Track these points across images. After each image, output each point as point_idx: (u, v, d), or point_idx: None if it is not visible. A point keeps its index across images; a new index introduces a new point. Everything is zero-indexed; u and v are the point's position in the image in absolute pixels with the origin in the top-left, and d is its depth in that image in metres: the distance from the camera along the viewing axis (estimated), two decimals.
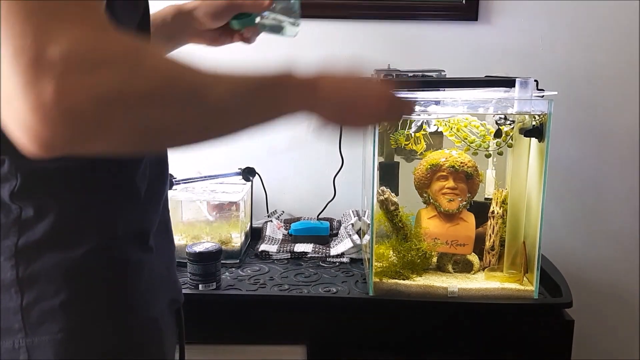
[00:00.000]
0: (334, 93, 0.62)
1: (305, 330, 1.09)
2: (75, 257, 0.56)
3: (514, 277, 1.12)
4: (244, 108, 0.54)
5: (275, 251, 1.31)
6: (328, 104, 0.61)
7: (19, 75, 0.40)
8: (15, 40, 0.40)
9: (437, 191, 1.17)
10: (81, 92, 0.41)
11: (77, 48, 0.41)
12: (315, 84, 0.60)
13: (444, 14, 1.48)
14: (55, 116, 0.40)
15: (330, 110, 0.62)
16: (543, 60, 1.49)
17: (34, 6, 0.41)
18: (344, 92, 0.63)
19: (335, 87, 0.62)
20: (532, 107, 1.06)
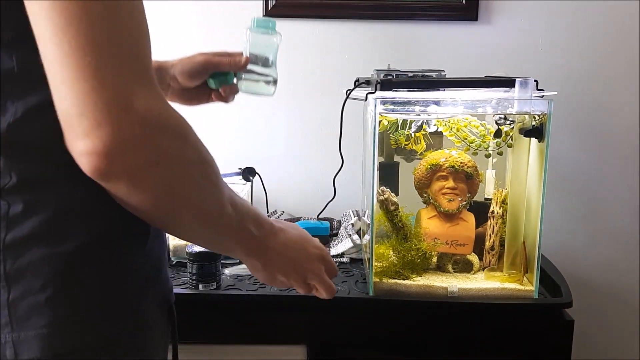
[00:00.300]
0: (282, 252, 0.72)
1: (305, 330, 1.09)
2: (63, 252, 0.56)
3: (514, 277, 1.12)
4: (224, 221, 0.63)
5: None
6: (276, 259, 0.71)
7: (102, 110, 0.48)
8: (104, 79, 0.48)
9: (437, 191, 1.17)
10: (146, 146, 0.51)
11: (153, 109, 0.51)
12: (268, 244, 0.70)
13: (444, 14, 1.48)
14: (118, 157, 0.50)
15: (277, 265, 0.71)
16: (543, 60, 1.49)
17: (127, 55, 0.50)
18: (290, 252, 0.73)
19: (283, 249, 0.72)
20: (532, 107, 1.06)
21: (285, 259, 0.71)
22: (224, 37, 1.50)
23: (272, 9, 1.47)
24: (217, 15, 1.49)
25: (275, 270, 0.71)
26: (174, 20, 1.49)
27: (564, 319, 1.08)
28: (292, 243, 0.72)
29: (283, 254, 0.71)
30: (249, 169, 1.36)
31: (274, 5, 1.47)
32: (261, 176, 1.44)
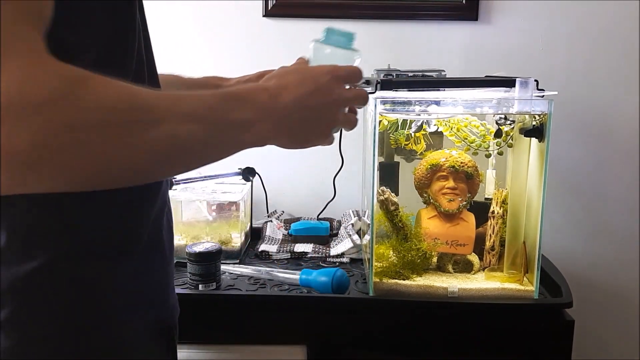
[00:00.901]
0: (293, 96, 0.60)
1: (305, 330, 1.09)
2: (23, 272, 0.52)
3: (514, 277, 1.12)
4: (206, 127, 0.53)
5: (275, 251, 1.31)
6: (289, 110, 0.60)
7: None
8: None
9: (437, 191, 1.17)
10: (23, 138, 0.40)
11: (15, 91, 0.40)
12: (271, 91, 0.59)
13: (444, 14, 1.48)
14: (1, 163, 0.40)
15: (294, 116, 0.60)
16: (543, 60, 1.49)
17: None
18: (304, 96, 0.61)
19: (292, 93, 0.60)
20: (532, 107, 1.06)
21: (304, 115, 0.61)
22: (224, 37, 1.50)
23: (272, 9, 1.47)
24: (217, 15, 1.49)
25: (304, 131, 0.61)
26: (174, 20, 1.49)
27: (564, 319, 1.08)
28: (301, 92, 0.60)
29: (296, 113, 0.60)
30: (249, 169, 1.36)
31: (274, 5, 1.47)
32: (261, 176, 1.44)
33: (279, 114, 0.58)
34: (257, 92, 0.58)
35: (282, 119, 0.58)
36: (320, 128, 0.63)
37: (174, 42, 1.50)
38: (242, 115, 0.55)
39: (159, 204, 0.66)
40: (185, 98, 0.52)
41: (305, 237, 1.36)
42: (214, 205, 1.30)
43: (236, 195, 1.30)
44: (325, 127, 0.63)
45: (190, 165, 0.56)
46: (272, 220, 1.45)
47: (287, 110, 0.59)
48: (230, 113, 0.55)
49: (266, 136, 0.57)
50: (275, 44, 1.50)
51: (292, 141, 0.61)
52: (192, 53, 1.50)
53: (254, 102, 0.56)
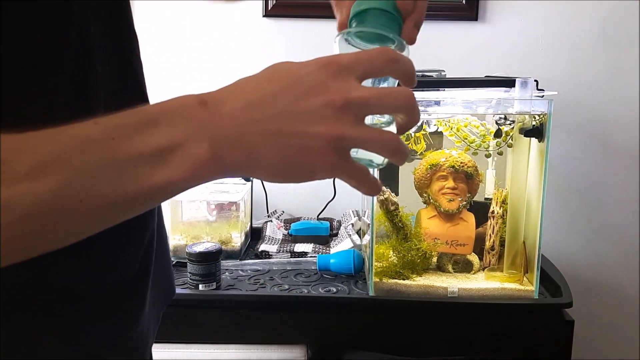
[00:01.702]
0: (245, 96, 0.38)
1: (305, 330, 1.09)
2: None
3: (514, 277, 1.12)
4: (69, 177, 0.34)
5: (275, 251, 1.31)
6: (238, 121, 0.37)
7: None
8: None
9: (437, 191, 1.17)
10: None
11: None
12: (207, 100, 0.38)
13: (444, 14, 1.48)
14: None
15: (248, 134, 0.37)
16: (543, 60, 1.49)
17: None
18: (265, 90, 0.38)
19: (246, 88, 0.39)
20: (532, 107, 1.06)
21: (264, 124, 0.37)
22: (224, 37, 1.50)
23: (272, 9, 1.47)
24: (217, 15, 1.49)
25: (266, 163, 0.38)
26: (174, 20, 1.49)
27: (564, 319, 1.08)
28: (259, 93, 0.38)
29: (255, 125, 0.37)
30: None
31: (274, 5, 1.47)
32: None
33: (222, 126, 0.37)
34: (181, 102, 0.38)
35: (228, 134, 0.36)
36: (308, 145, 0.37)
37: (174, 42, 1.50)
38: (150, 142, 0.36)
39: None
40: (49, 136, 0.35)
41: (305, 237, 1.36)
42: (214, 205, 1.30)
43: (236, 195, 1.30)
44: (319, 144, 0.37)
45: (53, 243, 0.36)
46: (272, 220, 1.45)
47: (236, 119, 0.37)
48: (125, 144, 0.35)
49: (202, 164, 0.36)
50: (275, 44, 1.50)
51: (265, 169, 0.38)
52: (192, 53, 1.50)
53: (173, 117, 0.37)
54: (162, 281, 0.60)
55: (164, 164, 0.36)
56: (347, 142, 0.37)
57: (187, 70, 1.50)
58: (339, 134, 0.37)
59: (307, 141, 0.37)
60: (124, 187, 0.35)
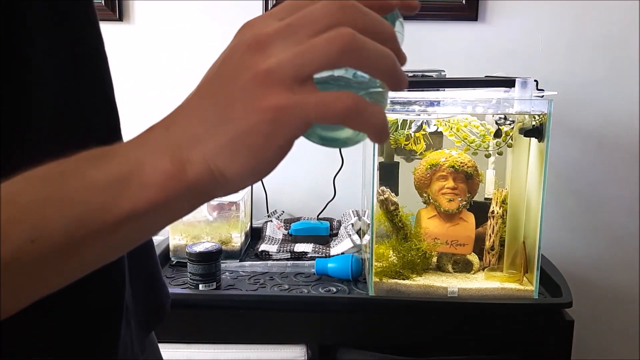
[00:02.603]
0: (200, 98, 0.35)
1: (305, 330, 1.09)
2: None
3: (513, 277, 1.12)
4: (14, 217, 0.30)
5: (275, 251, 1.31)
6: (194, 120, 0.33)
7: None
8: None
9: (437, 191, 1.17)
10: None
11: None
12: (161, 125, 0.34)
13: (444, 14, 1.48)
14: None
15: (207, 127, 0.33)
16: (543, 60, 1.49)
17: None
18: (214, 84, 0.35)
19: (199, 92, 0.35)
20: (532, 107, 1.06)
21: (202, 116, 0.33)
22: (223, 37, 1.50)
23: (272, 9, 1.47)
24: (217, 15, 1.49)
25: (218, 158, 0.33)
26: (173, 20, 1.49)
27: (564, 319, 1.08)
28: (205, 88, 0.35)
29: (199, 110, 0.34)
30: None
31: (274, 5, 1.47)
32: None
33: (175, 137, 0.33)
34: (142, 135, 0.34)
35: (182, 142, 0.33)
36: (255, 129, 0.32)
37: (174, 42, 1.50)
38: (105, 170, 0.32)
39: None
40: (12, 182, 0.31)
41: (305, 237, 1.36)
42: (214, 205, 1.30)
43: (236, 195, 1.30)
44: (264, 126, 0.31)
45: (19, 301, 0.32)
46: (272, 220, 1.45)
47: (185, 126, 0.33)
48: (75, 175, 0.32)
49: (168, 177, 0.32)
50: None
51: (232, 170, 0.32)
52: (191, 53, 1.50)
53: (127, 145, 0.34)
54: (147, 302, 0.55)
55: (125, 188, 0.32)
56: (295, 111, 0.31)
57: (187, 71, 1.50)
58: (281, 103, 0.31)
59: (258, 118, 0.31)
60: (83, 223, 0.31)
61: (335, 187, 1.41)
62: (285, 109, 0.31)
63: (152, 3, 1.48)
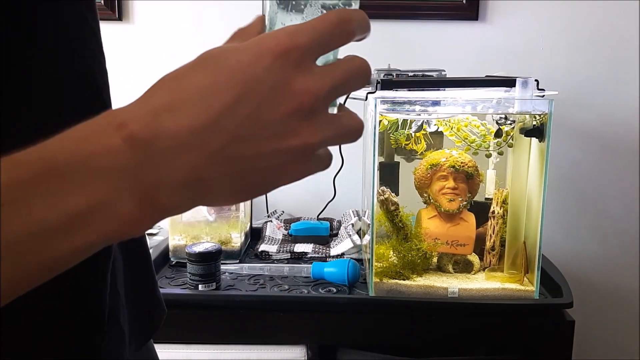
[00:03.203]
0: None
1: (305, 331, 1.09)
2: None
3: (514, 278, 1.12)
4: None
5: (275, 251, 1.31)
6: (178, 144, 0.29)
7: None
8: None
9: (438, 191, 1.17)
10: None
11: None
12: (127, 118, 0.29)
13: (445, 14, 1.48)
14: None
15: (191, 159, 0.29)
16: (544, 59, 1.49)
17: None
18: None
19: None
20: (533, 107, 1.06)
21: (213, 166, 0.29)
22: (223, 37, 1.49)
23: None
24: (217, 15, 1.49)
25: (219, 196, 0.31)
26: (173, 20, 1.49)
27: (565, 320, 1.07)
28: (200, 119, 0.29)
29: (201, 168, 0.29)
30: None
31: None
32: None
33: (160, 171, 0.28)
34: (97, 141, 0.28)
35: (169, 178, 0.29)
36: (276, 163, 0.30)
37: (173, 42, 1.50)
38: (57, 206, 0.27)
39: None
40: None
41: (305, 237, 1.36)
42: None
43: None
44: (289, 159, 0.30)
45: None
46: (272, 220, 1.45)
47: (180, 156, 0.28)
48: (19, 211, 0.27)
49: (131, 223, 0.29)
50: None
51: (220, 199, 0.31)
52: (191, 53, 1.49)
53: (86, 169, 0.28)
54: (138, 315, 0.52)
55: (77, 230, 0.28)
56: (320, 146, 0.31)
57: None
58: (317, 141, 0.30)
59: (276, 159, 0.29)
60: (20, 263, 0.27)
61: (335, 187, 1.41)
62: (312, 147, 0.30)
63: (151, 3, 1.48)
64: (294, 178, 0.31)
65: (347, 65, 0.32)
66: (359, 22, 0.34)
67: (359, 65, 0.33)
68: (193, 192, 0.29)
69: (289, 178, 0.31)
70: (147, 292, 0.57)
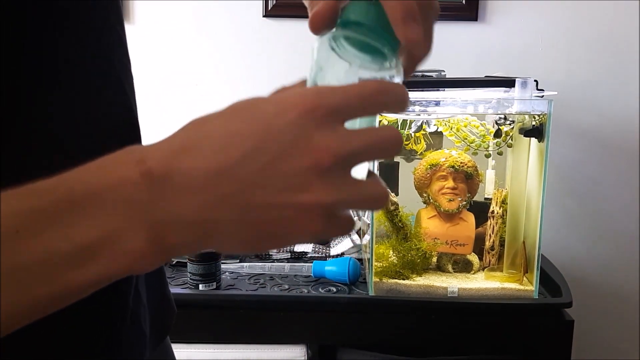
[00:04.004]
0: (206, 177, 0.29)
1: (305, 330, 1.09)
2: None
3: (513, 277, 1.12)
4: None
5: (275, 251, 1.31)
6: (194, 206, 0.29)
7: None
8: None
9: (437, 191, 1.17)
10: None
11: None
12: (155, 174, 0.29)
13: (444, 14, 1.48)
14: None
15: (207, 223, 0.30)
16: (543, 60, 1.49)
17: None
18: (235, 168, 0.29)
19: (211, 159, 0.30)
20: (532, 107, 1.06)
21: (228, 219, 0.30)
22: (223, 37, 1.50)
23: (272, 9, 1.47)
24: (217, 15, 1.49)
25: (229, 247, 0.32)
26: (173, 20, 1.49)
27: (564, 319, 1.08)
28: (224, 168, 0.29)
29: (213, 209, 0.29)
30: None
31: (274, 5, 1.47)
32: None
33: (172, 208, 0.29)
34: (117, 175, 0.29)
35: (179, 216, 0.29)
36: (288, 217, 0.30)
37: (174, 42, 1.50)
38: (70, 236, 0.28)
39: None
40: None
41: None
42: None
43: None
44: (302, 215, 0.30)
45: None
46: None
47: (193, 196, 0.29)
48: (33, 240, 0.28)
49: (138, 259, 0.30)
50: (275, 44, 1.50)
51: (227, 246, 0.32)
52: (191, 53, 1.50)
53: (104, 200, 0.29)
54: (155, 314, 0.53)
55: (86, 261, 0.28)
56: (335, 207, 0.30)
57: (187, 71, 1.50)
58: (330, 201, 0.30)
59: (287, 213, 0.29)
60: (29, 290, 0.28)
61: None
62: (324, 206, 0.30)
63: (152, 3, 1.48)
64: (306, 237, 0.31)
65: (377, 132, 0.32)
66: (396, 97, 0.33)
67: (390, 135, 0.32)
68: (200, 233, 0.30)
69: (300, 236, 0.31)
70: (161, 291, 0.58)
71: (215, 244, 0.31)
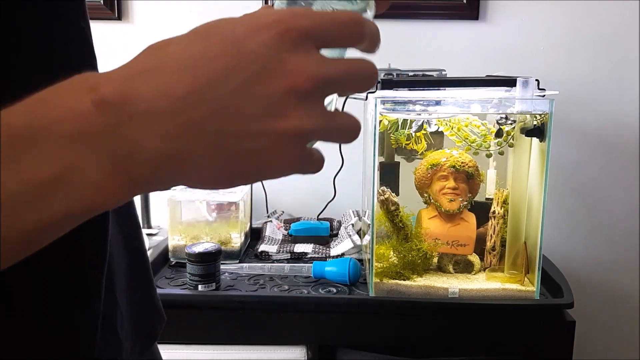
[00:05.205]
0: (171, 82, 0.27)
1: (305, 331, 1.09)
2: None
3: (515, 278, 1.12)
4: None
5: (275, 251, 1.30)
6: (163, 114, 0.27)
7: None
8: None
9: (438, 191, 1.16)
10: None
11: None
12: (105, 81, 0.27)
13: (445, 13, 1.48)
14: None
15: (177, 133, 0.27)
16: (544, 59, 1.49)
17: None
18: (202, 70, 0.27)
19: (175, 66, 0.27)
20: (534, 107, 1.06)
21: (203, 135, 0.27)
22: None
23: None
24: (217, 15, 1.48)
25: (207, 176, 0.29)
26: (173, 19, 1.49)
27: (565, 320, 1.07)
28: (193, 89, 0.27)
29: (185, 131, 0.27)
30: None
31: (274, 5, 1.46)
32: None
33: (134, 138, 0.26)
34: (68, 104, 0.27)
35: (143, 147, 0.27)
36: (263, 146, 0.28)
37: None
38: (25, 173, 0.26)
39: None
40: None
41: (305, 237, 1.36)
42: (214, 205, 1.30)
43: (236, 195, 1.30)
44: (277, 144, 0.28)
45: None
46: (272, 220, 1.44)
47: (156, 125, 0.26)
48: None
49: (105, 191, 0.27)
50: None
51: (199, 180, 0.29)
52: None
53: (56, 135, 0.26)
54: (140, 321, 0.51)
55: (42, 201, 0.26)
56: (313, 136, 0.29)
57: None
58: (308, 128, 0.28)
59: (262, 141, 0.27)
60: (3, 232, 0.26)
61: (335, 187, 1.41)
62: (316, 133, 0.28)
63: (151, 2, 1.48)
64: (281, 170, 0.29)
65: (353, 62, 0.30)
66: (370, 30, 0.32)
67: (366, 67, 0.31)
68: (168, 166, 0.27)
69: (276, 169, 0.29)
70: (146, 298, 0.56)
71: (184, 179, 0.28)
